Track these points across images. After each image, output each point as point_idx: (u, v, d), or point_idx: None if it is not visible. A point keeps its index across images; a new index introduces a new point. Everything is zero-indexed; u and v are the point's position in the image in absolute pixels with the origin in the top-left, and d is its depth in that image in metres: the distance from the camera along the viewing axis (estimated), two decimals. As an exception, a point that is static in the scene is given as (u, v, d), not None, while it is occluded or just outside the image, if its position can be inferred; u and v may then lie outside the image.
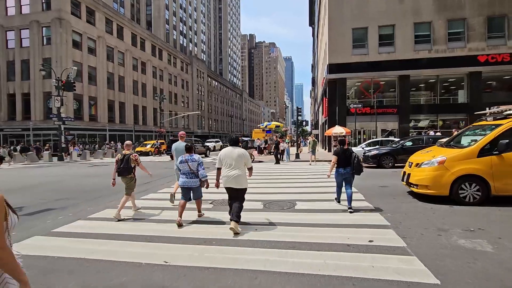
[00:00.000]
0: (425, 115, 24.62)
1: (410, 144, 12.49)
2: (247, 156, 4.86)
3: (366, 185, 8.31)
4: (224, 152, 4.90)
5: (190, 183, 5.23)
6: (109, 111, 37.83)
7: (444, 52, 23.41)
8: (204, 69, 69.27)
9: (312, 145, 15.60)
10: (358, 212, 5.44)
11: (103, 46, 36.64)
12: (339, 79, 25.14)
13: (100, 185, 10.02)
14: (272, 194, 7.52)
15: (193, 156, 5.32)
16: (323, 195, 7.24)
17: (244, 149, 5.10)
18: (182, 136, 6.69)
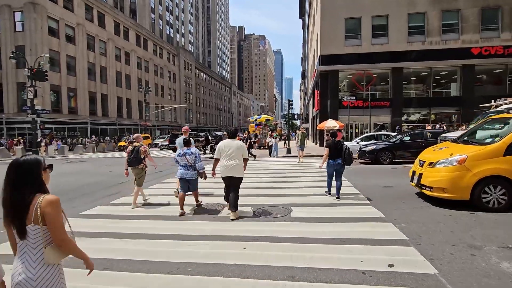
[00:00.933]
0: (417, 109, 24.18)
1: (409, 138, 11.80)
2: (245, 148, 5.32)
3: (368, 185, 7.49)
4: (223, 143, 5.26)
5: (187, 175, 5.51)
6: (90, 104, 35.85)
7: (438, 44, 22.88)
8: (191, 60, 67.22)
9: (300, 139, 13.67)
10: (366, 222, 4.58)
11: (83, 34, 34.46)
12: (331, 71, 24.32)
13: (75, 185, 8.85)
14: (264, 196, 6.59)
15: (191, 149, 5.59)
16: (320, 198, 6.36)
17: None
18: (185, 131, 6.88)
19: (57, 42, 30.89)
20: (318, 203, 5.87)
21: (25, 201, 1.57)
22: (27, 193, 1.59)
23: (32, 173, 1.64)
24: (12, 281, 1.57)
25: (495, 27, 22.39)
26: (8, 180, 1.60)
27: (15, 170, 1.62)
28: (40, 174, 1.68)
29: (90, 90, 35.73)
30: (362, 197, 6.18)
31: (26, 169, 1.63)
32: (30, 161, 1.65)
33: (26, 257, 1.58)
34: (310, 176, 9.36)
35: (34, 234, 1.58)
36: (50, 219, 1.57)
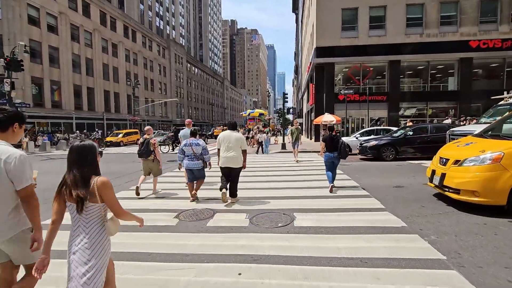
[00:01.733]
0: (414, 103, 23.64)
1: (412, 133, 11.08)
2: (243, 139, 5.54)
3: (376, 185, 6.71)
4: (223, 135, 5.47)
5: (192, 165, 5.67)
6: (75, 97, 34.20)
7: (436, 37, 22.30)
8: (183, 54, 65.46)
9: (295, 134, 11.98)
10: (387, 234, 3.76)
11: (66, 24, 32.66)
12: (327, 64, 23.52)
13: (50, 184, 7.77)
14: (260, 200, 5.73)
15: (198, 140, 5.75)
16: (326, 201, 5.54)
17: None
18: (188, 124, 7.47)
19: (38, 31, 29.14)
20: (324, 207, 5.05)
21: (85, 179, 1.81)
22: (86, 173, 1.83)
23: (89, 155, 1.87)
24: (70, 250, 1.80)
25: (494, 19, 21.91)
26: (70, 161, 1.85)
27: (76, 152, 1.85)
28: (95, 157, 1.92)
29: (75, 83, 34.07)
30: (374, 201, 5.37)
31: (84, 151, 1.86)
32: (88, 145, 1.89)
33: (81, 230, 1.81)
34: (311, 175, 8.55)
35: (89, 211, 1.81)
36: (107, 197, 1.84)
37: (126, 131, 27.45)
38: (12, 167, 1.86)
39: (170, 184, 7.65)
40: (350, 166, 10.04)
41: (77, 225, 1.83)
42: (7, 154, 1.87)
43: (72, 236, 1.84)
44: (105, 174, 1.94)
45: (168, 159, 13.44)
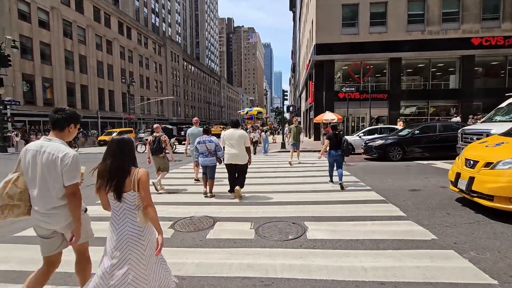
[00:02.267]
0: (415, 101, 23.24)
1: (419, 132, 10.59)
2: (246, 137, 5.69)
3: (390, 188, 6.19)
4: (227, 133, 5.67)
5: (206, 162, 5.76)
6: (68, 95, 33.31)
7: (438, 34, 21.88)
8: (179, 52, 64.55)
9: (294, 134, 10.30)
10: (418, 250, 3.23)
11: (58, 19, 31.73)
12: (327, 61, 23.00)
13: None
14: (266, 206, 5.18)
15: (211, 138, 5.81)
16: (338, 207, 5.00)
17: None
18: (196, 122, 7.71)
19: (28, 27, 28.21)
20: (337, 215, 4.51)
21: (125, 169, 1.97)
22: (126, 164, 2.00)
23: (128, 148, 2.06)
24: (118, 235, 1.94)
25: (496, 16, 21.55)
26: (109, 153, 2.01)
27: (117, 144, 2.02)
28: (133, 150, 2.11)
29: (68, 80, 33.17)
30: (392, 207, 4.85)
31: (125, 144, 2.04)
32: (127, 139, 2.09)
33: (126, 217, 1.97)
34: (316, 176, 8.02)
35: (131, 199, 1.97)
36: (143, 187, 1.97)
37: (120, 130, 26.67)
38: (66, 164, 1.99)
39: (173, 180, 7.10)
40: (355, 167, 9.53)
41: (122, 213, 1.97)
42: (64, 152, 2.01)
43: (117, 222, 1.96)
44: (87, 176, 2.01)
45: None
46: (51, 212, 2.02)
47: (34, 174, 2.02)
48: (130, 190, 1.95)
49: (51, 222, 2.04)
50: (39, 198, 2.02)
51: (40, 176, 2.01)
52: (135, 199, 1.97)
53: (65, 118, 2.11)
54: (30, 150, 2.04)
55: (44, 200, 2.02)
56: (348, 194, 5.83)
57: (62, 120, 2.10)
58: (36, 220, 2.04)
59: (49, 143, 2.05)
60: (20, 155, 2.09)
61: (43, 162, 2.00)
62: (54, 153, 2.00)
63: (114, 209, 1.99)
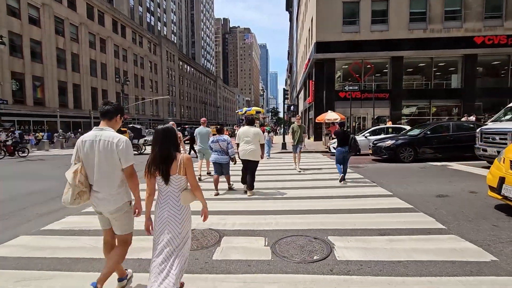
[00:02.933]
0: (417, 101, 22.80)
1: (433, 132, 10.00)
2: (261, 134, 6.03)
3: (414, 193, 5.56)
4: (242, 130, 6.01)
5: (220, 159, 5.94)
6: (60, 94, 32.28)
7: (440, 32, 21.47)
8: (175, 51, 63.63)
9: (297, 134, 8.79)
10: (484, 276, 2.58)
11: (50, 16, 30.72)
12: (327, 60, 22.45)
13: (6, 195, 6.37)
14: (279, 214, 4.51)
15: (223, 136, 5.96)
16: (365, 216, 4.35)
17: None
18: (203, 122, 7.90)
19: (18, 23, 27.19)
20: (365, 227, 3.85)
21: (171, 155, 2.17)
22: (172, 150, 2.19)
23: (172, 135, 2.25)
24: (160, 217, 2.17)
25: (499, 15, 21.21)
26: (157, 141, 2.20)
27: (162, 133, 2.21)
28: (176, 137, 2.29)
29: (60, 79, 32.14)
30: (426, 217, 4.20)
31: (169, 132, 2.23)
32: (170, 127, 2.27)
33: (170, 199, 2.19)
34: (326, 180, 7.36)
35: (177, 182, 2.19)
36: (189, 171, 2.22)
37: (114, 130, 25.76)
38: (121, 149, 2.23)
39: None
40: (366, 169, 8.91)
41: (166, 196, 2.19)
42: (117, 138, 2.26)
43: (162, 203, 2.19)
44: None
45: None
46: (106, 196, 2.27)
47: (93, 161, 2.24)
48: (176, 173, 2.17)
49: (105, 205, 2.28)
50: (99, 182, 2.27)
51: (98, 162, 2.23)
52: (180, 181, 2.19)
53: (114, 109, 2.37)
54: (87, 140, 2.26)
55: (103, 184, 2.26)
56: (369, 200, 5.19)
57: (111, 111, 2.35)
58: (94, 202, 2.31)
59: (102, 132, 2.27)
60: (77, 146, 2.30)
61: (100, 149, 2.22)
62: (109, 140, 2.22)
63: (160, 191, 2.22)
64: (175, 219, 2.16)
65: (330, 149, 13.36)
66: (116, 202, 2.28)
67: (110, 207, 2.28)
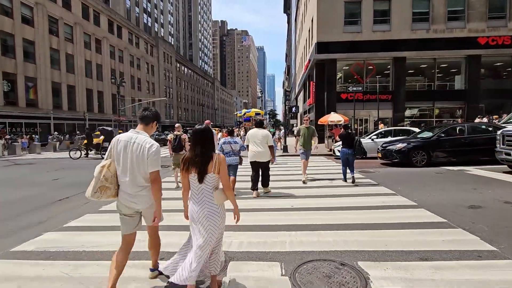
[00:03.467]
0: (420, 102, 22.32)
1: (445, 135, 9.43)
2: (270, 136, 6.12)
3: (442, 203, 4.95)
4: (251, 133, 6.16)
5: (231, 161, 5.82)
6: (54, 96, 31.43)
7: (443, 33, 21.08)
8: (172, 52, 62.95)
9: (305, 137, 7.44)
10: None
11: (44, 15, 29.95)
12: (328, 61, 21.94)
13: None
14: (292, 230, 3.87)
15: (235, 139, 5.97)
16: (394, 233, 3.73)
17: None
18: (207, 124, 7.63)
19: (10, 23, 26.39)
20: (399, 248, 3.21)
21: (209, 155, 2.27)
22: (210, 150, 2.30)
23: (210, 136, 2.37)
24: (197, 215, 2.27)
25: (503, 15, 20.87)
26: (197, 141, 2.31)
27: (201, 134, 2.32)
28: (213, 137, 2.43)
29: (53, 80, 31.31)
30: (467, 234, 3.58)
31: (207, 133, 2.35)
32: (207, 128, 2.40)
33: (206, 197, 2.28)
34: (343, 187, 6.73)
35: (211, 180, 2.27)
36: (223, 170, 2.30)
37: (109, 132, 24.91)
38: (150, 153, 2.32)
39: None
40: (378, 174, 8.30)
41: (201, 193, 2.29)
42: (150, 143, 2.35)
43: (198, 200, 2.29)
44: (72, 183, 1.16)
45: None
46: (138, 194, 2.37)
47: (125, 161, 2.35)
48: (211, 172, 2.26)
49: (137, 203, 2.39)
50: (130, 181, 2.36)
51: (130, 163, 2.35)
52: (214, 180, 2.29)
53: (151, 115, 2.53)
54: (122, 140, 2.40)
55: (133, 183, 2.36)
56: (394, 213, 4.56)
57: (149, 117, 2.51)
58: (125, 200, 2.39)
59: (137, 135, 2.41)
60: (112, 144, 2.44)
61: (133, 151, 2.34)
62: (142, 144, 2.34)
63: (194, 189, 2.32)
64: (215, 217, 2.26)
65: (334, 152, 12.75)
66: (149, 199, 2.40)
67: (143, 205, 2.40)
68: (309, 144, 7.50)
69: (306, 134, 7.57)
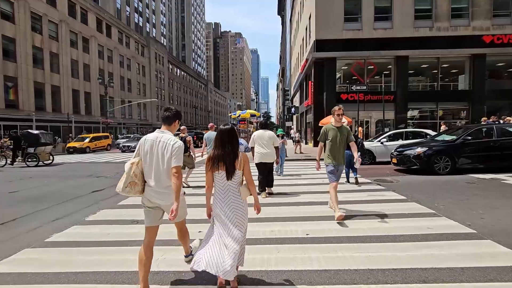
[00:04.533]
0: (423, 103, 21.32)
1: (471, 138, 8.26)
2: (275, 137, 6.21)
3: (506, 229, 3.72)
4: (257, 134, 6.11)
5: None
6: (37, 97, 29.64)
7: (447, 31, 20.18)
8: (164, 53, 61.35)
9: (336, 143, 4.57)
10: None
11: (26, 11, 28.25)
12: (328, 59, 20.84)
13: None
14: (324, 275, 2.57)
15: (240, 140, 5.58)
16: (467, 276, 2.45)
17: None
18: (211, 127, 8.31)
19: (-12, 18, 24.69)
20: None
21: (235, 153, 2.41)
22: (236, 148, 2.43)
23: (236, 135, 2.51)
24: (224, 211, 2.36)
25: (507, 13, 20.09)
26: (223, 141, 2.42)
27: (228, 134, 2.44)
28: (237, 136, 2.56)
29: (36, 80, 29.55)
30: None
31: (234, 132, 2.49)
32: (233, 127, 2.53)
33: (231, 193, 2.39)
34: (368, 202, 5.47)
35: (237, 177, 2.40)
36: (246, 167, 2.45)
37: (94, 135, 23.32)
38: (174, 150, 2.46)
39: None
40: (399, 184, 7.08)
41: (226, 190, 2.40)
42: (174, 141, 2.51)
43: (223, 197, 2.39)
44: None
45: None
46: (163, 190, 2.49)
47: (151, 159, 2.51)
48: (236, 169, 2.38)
49: (162, 199, 2.51)
50: (155, 178, 2.50)
51: (156, 161, 2.49)
52: (239, 177, 2.42)
53: (173, 115, 2.65)
54: (148, 140, 2.55)
55: (159, 180, 2.49)
56: (453, 248, 3.30)
57: (171, 117, 2.64)
58: (150, 196, 2.51)
59: (163, 135, 2.56)
60: (140, 143, 2.58)
61: (158, 149, 2.50)
62: (167, 142, 2.50)
63: (219, 186, 2.42)
64: (241, 210, 2.39)
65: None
66: (172, 196, 2.43)
67: (167, 201, 2.49)
68: (341, 154, 4.60)
69: (338, 138, 4.59)
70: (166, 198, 2.47)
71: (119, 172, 7.39)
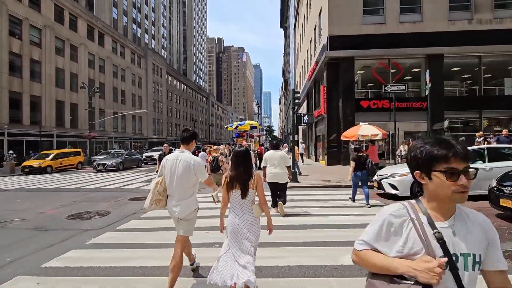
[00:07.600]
0: (463, 111, 17.43)
1: None
2: (287, 157, 6.36)
3: None
4: (269, 154, 6.29)
5: None
6: (12, 108, 26.31)
7: (490, 23, 16.62)
8: (162, 64, 58.71)
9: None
10: None
11: (2, 14, 25.42)
12: (344, 59, 17.26)
13: None
14: None
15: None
16: None
17: None
18: (166, 148, 9.09)
19: (-47, 18, 21.71)
20: None
21: (251, 173, 2.65)
22: (250, 169, 2.68)
23: (250, 157, 2.76)
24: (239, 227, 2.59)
25: None
26: (238, 162, 2.69)
27: (244, 155, 2.71)
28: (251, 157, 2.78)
29: (12, 89, 26.32)
30: None
31: (249, 154, 2.75)
32: (247, 150, 2.79)
33: (246, 210, 2.64)
34: None
35: (250, 196, 2.63)
36: (260, 186, 2.69)
37: (60, 151, 19.26)
38: (197, 167, 2.89)
39: None
40: None
41: (241, 208, 2.64)
42: (194, 159, 2.91)
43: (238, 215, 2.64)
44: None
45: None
46: (179, 203, 2.87)
47: (173, 176, 2.87)
48: (250, 188, 2.63)
49: (177, 212, 2.87)
50: (176, 193, 2.89)
51: (178, 177, 2.86)
52: (252, 195, 2.66)
53: (190, 136, 3.07)
54: (169, 159, 2.93)
55: (179, 193, 2.88)
56: None
57: (188, 137, 3.05)
58: (170, 209, 2.92)
59: (182, 154, 2.94)
60: (162, 163, 2.98)
61: (179, 166, 2.86)
62: (188, 160, 2.88)
63: (235, 204, 2.68)
64: (255, 227, 2.63)
65: (382, 186, 7.66)
66: (188, 208, 2.88)
67: (183, 213, 2.85)
68: None
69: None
70: (181, 211, 2.86)
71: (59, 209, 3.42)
